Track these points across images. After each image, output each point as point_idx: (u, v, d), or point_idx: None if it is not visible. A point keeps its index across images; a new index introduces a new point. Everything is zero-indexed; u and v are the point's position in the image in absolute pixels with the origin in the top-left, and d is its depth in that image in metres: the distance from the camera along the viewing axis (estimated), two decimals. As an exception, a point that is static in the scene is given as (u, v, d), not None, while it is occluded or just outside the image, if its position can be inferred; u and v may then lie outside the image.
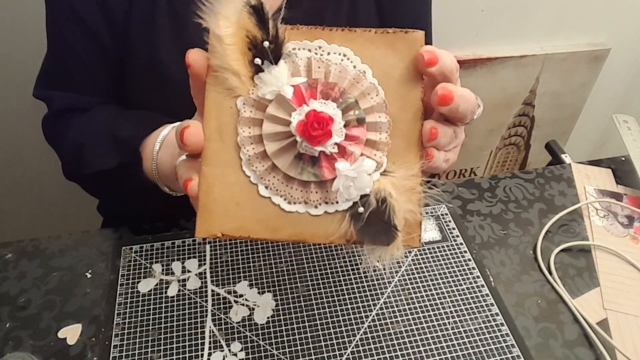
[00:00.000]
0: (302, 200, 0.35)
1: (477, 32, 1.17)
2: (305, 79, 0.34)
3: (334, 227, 0.35)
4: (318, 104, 0.34)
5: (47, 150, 0.65)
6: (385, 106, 0.35)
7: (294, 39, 0.34)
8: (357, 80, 0.35)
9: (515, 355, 0.50)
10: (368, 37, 0.35)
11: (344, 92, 0.34)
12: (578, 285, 0.57)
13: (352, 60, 0.35)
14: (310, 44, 0.35)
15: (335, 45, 0.35)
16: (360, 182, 0.34)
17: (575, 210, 0.65)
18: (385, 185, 0.35)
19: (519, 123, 1.36)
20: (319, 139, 0.33)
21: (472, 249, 0.59)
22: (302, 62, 0.34)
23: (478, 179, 0.69)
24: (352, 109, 0.34)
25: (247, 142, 0.34)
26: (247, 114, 0.34)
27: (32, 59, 0.68)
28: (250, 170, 0.35)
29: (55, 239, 0.59)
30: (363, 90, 0.35)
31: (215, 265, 0.56)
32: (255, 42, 0.33)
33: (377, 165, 0.35)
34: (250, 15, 0.33)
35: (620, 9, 1.23)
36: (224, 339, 0.50)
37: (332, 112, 0.34)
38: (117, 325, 0.51)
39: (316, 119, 0.33)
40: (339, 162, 0.34)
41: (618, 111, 1.20)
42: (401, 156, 0.35)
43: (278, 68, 0.34)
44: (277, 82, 0.34)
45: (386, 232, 0.35)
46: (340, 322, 0.52)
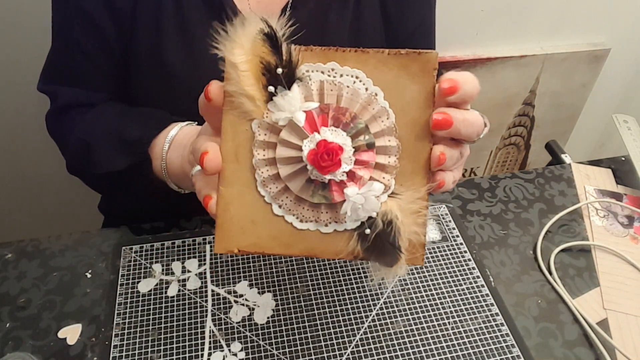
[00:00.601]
0: (313, 219, 0.37)
1: (477, 32, 1.17)
2: (318, 104, 0.35)
3: (343, 245, 0.37)
4: (329, 133, 0.35)
5: (47, 150, 0.65)
6: (395, 130, 0.36)
7: (307, 61, 0.35)
8: (368, 103, 0.35)
9: (515, 355, 0.50)
10: (381, 59, 0.35)
11: (355, 117, 0.35)
12: (578, 285, 0.57)
13: (365, 83, 0.35)
14: (323, 66, 0.35)
15: (348, 68, 0.35)
16: (368, 205, 0.35)
17: (575, 210, 0.65)
18: (392, 207, 0.36)
19: (519, 123, 1.36)
20: (328, 169, 0.34)
21: (472, 249, 0.59)
22: (314, 86, 0.35)
23: (478, 179, 0.69)
24: (362, 133, 0.35)
25: (262, 164, 0.36)
26: (262, 137, 0.36)
27: (31, 60, 0.68)
28: (264, 190, 0.36)
29: (55, 239, 0.59)
30: (374, 114, 0.35)
31: (215, 265, 0.56)
32: (269, 67, 0.34)
33: (385, 188, 0.36)
34: (264, 42, 0.34)
35: (620, 9, 1.23)
36: (224, 339, 0.50)
37: (342, 140, 0.35)
38: (117, 325, 0.51)
39: (326, 150, 0.34)
40: (348, 187, 0.35)
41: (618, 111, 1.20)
42: (409, 178, 0.36)
43: (291, 94, 0.35)
44: (290, 107, 0.35)
45: (390, 253, 0.36)
46: (340, 322, 0.52)
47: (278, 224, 0.37)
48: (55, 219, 1.24)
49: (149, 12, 0.56)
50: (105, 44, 0.58)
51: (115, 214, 0.77)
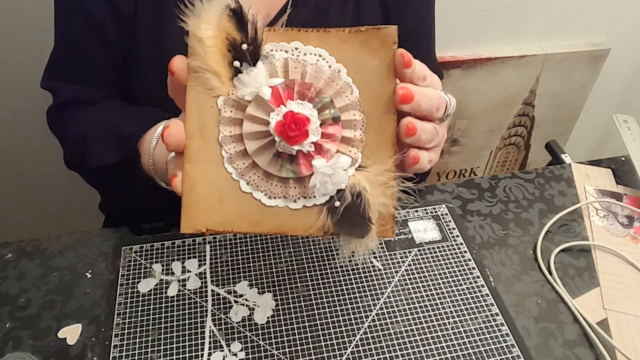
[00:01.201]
0: (282, 195, 0.36)
1: (477, 32, 1.17)
2: (283, 80, 0.35)
3: (312, 220, 0.37)
4: (295, 105, 0.35)
5: (48, 150, 0.65)
6: (359, 104, 0.36)
7: (271, 41, 0.36)
8: (332, 80, 0.36)
9: (515, 355, 0.50)
10: (342, 37, 0.36)
11: (320, 91, 0.36)
12: (578, 285, 0.57)
13: (328, 60, 0.36)
14: (287, 45, 0.36)
15: (311, 47, 0.36)
16: (336, 178, 0.36)
17: (575, 210, 0.65)
18: (360, 180, 0.36)
19: (519, 123, 1.36)
20: (296, 139, 0.34)
21: (472, 249, 0.59)
22: (279, 63, 0.36)
23: (478, 179, 0.69)
24: (327, 108, 0.36)
25: (228, 140, 0.36)
26: (228, 114, 0.36)
27: (31, 60, 0.68)
28: (231, 167, 0.36)
29: (55, 239, 0.59)
30: (338, 89, 0.36)
31: (215, 265, 0.56)
32: (235, 44, 0.35)
33: (352, 161, 0.36)
34: (230, 18, 0.34)
35: (620, 9, 1.23)
36: (224, 339, 0.50)
37: (309, 112, 0.35)
38: (117, 325, 0.51)
39: (293, 120, 0.34)
40: (315, 159, 0.35)
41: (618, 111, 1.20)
42: (375, 151, 0.37)
43: (256, 70, 0.35)
44: (255, 83, 0.35)
45: (360, 225, 0.36)
46: (340, 322, 0.52)
47: (246, 202, 0.36)
48: (55, 219, 1.24)
49: (150, 11, 0.56)
50: (105, 42, 0.58)
51: (115, 214, 0.77)
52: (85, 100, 0.61)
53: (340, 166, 0.36)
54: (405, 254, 0.58)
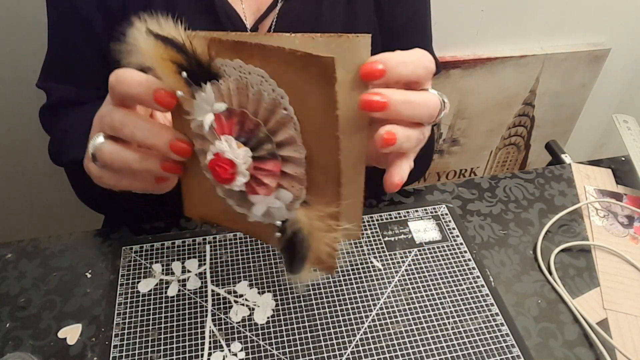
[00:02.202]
0: (245, 207, 0.37)
1: (477, 32, 1.17)
2: (226, 106, 0.33)
3: (270, 233, 0.37)
4: (225, 145, 0.33)
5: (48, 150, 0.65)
6: (301, 139, 0.33)
7: (220, 55, 0.33)
8: (273, 109, 0.32)
9: (515, 355, 0.50)
10: (282, 57, 0.30)
11: (257, 125, 0.33)
12: (578, 285, 0.57)
13: (270, 84, 0.32)
14: (232, 63, 0.32)
15: (252, 66, 0.32)
16: (277, 212, 0.35)
17: (575, 210, 0.65)
18: (302, 218, 0.35)
19: (519, 123, 1.36)
20: (224, 181, 0.34)
21: (472, 249, 0.59)
22: (224, 86, 0.33)
23: (478, 179, 0.69)
24: (264, 142, 0.33)
25: (200, 153, 0.37)
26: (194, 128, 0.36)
27: (31, 60, 0.68)
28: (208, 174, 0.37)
29: (55, 239, 0.59)
30: (278, 120, 0.32)
31: (215, 265, 0.56)
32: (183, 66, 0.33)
33: (294, 197, 0.34)
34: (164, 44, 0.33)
35: (620, 9, 1.23)
36: (224, 339, 0.50)
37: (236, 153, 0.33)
38: (117, 325, 0.51)
39: (218, 163, 0.33)
40: (251, 196, 0.35)
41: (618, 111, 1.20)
42: (321, 189, 0.34)
43: (205, 94, 0.34)
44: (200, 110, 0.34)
45: (297, 260, 0.35)
46: (340, 322, 0.52)
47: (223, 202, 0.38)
48: (55, 219, 1.24)
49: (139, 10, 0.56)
50: (96, 41, 0.58)
51: (115, 213, 0.76)
52: (78, 100, 0.61)
53: (282, 200, 0.35)
54: (405, 254, 0.58)
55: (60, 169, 0.62)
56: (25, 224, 1.23)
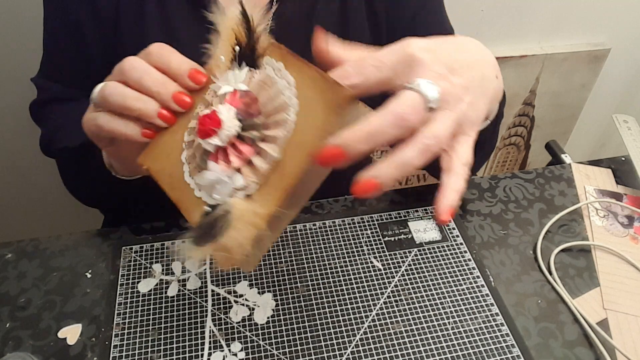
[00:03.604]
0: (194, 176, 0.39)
1: (477, 32, 1.17)
2: (246, 88, 0.38)
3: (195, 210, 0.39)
4: (224, 110, 0.37)
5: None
6: (285, 143, 0.36)
7: (272, 55, 0.38)
8: (279, 109, 0.37)
9: (515, 355, 0.50)
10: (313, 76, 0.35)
11: (259, 113, 0.37)
12: (578, 285, 0.57)
13: (292, 92, 0.36)
14: (275, 64, 0.38)
15: (287, 73, 0.37)
16: (222, 189, 0.37)
17: (575, 210, 0.65)
18: (237, 206, 0.36)
19: (519, 123, 1.36)
20: (202, 133, 0.37)
21: (472, 249, 0.59)
22: (258, 76, 0.38)
23: (478, 179, 0.69)
24: (254, 129, 0.37)
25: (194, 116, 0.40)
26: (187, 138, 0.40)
27: (31, 60, 0.68)
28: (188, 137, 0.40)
29: (55, 239, 0.59)
30: (278, 120, 0.37)
31: (216, 265, 0.56)
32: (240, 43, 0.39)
33: (244, 187, 0.37)
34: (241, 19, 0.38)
35: (620, 9, 1.23)
36: (224, 339, 0.50)
37: (230, 123, 0.37)
38: (117, 325, 0.51)
39: (209, 117, 0.37)
40: (211, 162, 0.37)
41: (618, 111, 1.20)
42: (267, 192, 0.36)
43: (238, 72, 0.39)
44: (229, 81, 0.39)
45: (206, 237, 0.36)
46: (340, 322, 0.52)
47: (178, 168, 0.40)
48: (55, 219, 1.24)
49: (132, 12, 0.57)
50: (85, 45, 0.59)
51: (115, 213, 0.76)
52: (67, 98, 0.63)
53: (231, 182, 0.37)
54: (405, 254, 0.58)
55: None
56: (25, 224, 1.23)
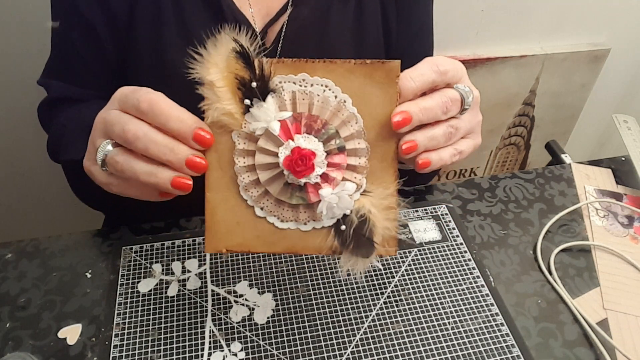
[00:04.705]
0: (293, 219, 0.40)
1: (477, 32, 1.17)
2: (291, 113, 0.38)
3: (321, 241, 0.40)
4: (302, 140, 0.37)
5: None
6: (363, 133, 0.38)
7: (280, 73, 0.38)
8: (338, 110, 0.38)
9: (515, 355, 0.50)
10: (348, 68, 0.37)
11: (325, 123, 0.38)
12: (578, 285, 0.57)
13: (334, 91, 0.38)
14: (295, 77, 0.38)
15: (318, 77, 0.38)
16: (342, 203, 0.38)
17: (575, 210, 0.65)
18: (365, 204, 0.39)
19: (519, 123, 1.36)
20: (302, 173, 0.37)
21: (472, 249, 0.59)
22: (287, 96, 0.38)
23: (478, 179, 0.69)
24: (333, 138, 0.38)
25: (243, 170, 0.39)
26: (241, 146, 0.39)
27: (32, 61, 0.68)
28: (246, 194, 0.39)
29: (55, 239, 0.59)
30: (343, 119, 0.38)
31: (215, 265, 0.56)
32: (244, 82, 0.37)
33: (357, 187, 0.39)
34: (237, 59, 0.37)
35: (620, 9, 1.23)
36: (224, 339, 0.50)
37: (314, 146, 0.37)
38: (117, 325, 0.51)
39: (300, 155, 0.37)
40: (322, 188, 0.38)
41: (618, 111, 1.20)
42: (379, 177, 0.39)
43: (266, 105, 0.37)
44: (265, 117, 0.37)
45: (366, 246, 0.39)
46: (340, 322, 0.52)
47: (261, 225, 0.40)
48: (55, 219, 1.24)
49: (148, 14, 0.56)
50: (100, 46, 0.58)
51: (115, 213, 0.76)
52: (76, 98, 0.62)
53: (346, 192, 0.38)
54: (405, 254, 0.58)
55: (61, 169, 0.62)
56: (25, 224, 1.23)
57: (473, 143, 0.43)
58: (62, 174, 0.62)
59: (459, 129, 0.41)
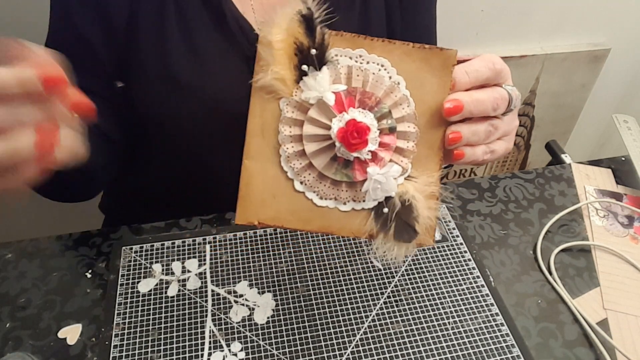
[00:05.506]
0: (333, 197, 0.38)
1: (477, 32, 1.17)
2: (346, 87, 0.37)
3: (359, 223, 0.38)
4: (357, 113, 0.36)
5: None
6: (415, 117, 0.38)
7: (337, 46, 0.37)
8: (391, 91, 0.37)
9: (515, 355, 0.50)
10: (405, 50, 0.37)
11: (379, 101, 0.37)
12: (578, 285, 0.57)
13: (389, 71, 0.37)
14: (352, 52, 0.37)
15: (375, 56, 0.37)
16: (387, 185, 0.37)
17: (575, 210, 0.65)
18: (409, 189, 0.38)
19: (519, 123, 1.35)
20: (356, 146, 0.36)
21: (472, 249, 0.59)
22: (343, 70, 0.37)
23: (478, 179, 0.69)
24: (385, 117, 0.37)
25: (287, 140, 0.37)
26: (289, 114, 0.37)
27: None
28: (288, 166, 0.38)
29: (55, 239, 0.59)
30: (396, 101, 0.37)
31: (215, 265, 0.56)
32: (302, 48, 0.36)
33: (402, 171, 0.38)
34: (300, 23, 0.36)
35: (620, 9, 1.23)
36: (224, 339, 0.50)
37: (370, 121, 0.36)
38: (117, 325, 0.51)
39: (355, 128, 0.36)
40: (370, 166, 0.37)
41: (618, 111, 1.20)
42: (423, 163, 0.38)
43: (321, 74, 0.37)
44: (319, 88, 0.36)
45: (407, 231, 0.38)
46: (340, 322, 0.52)
47: (298, 200, 0.38)
48: (55, 219, 1.23)
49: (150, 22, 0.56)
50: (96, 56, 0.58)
51: (115, 213, 0.77)
52: None
53: (392, 175, 0.37)
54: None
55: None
56: (25, 224, 1.23)
57: (506, 146, 0.43)
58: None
59: (498, 129, 0.41)
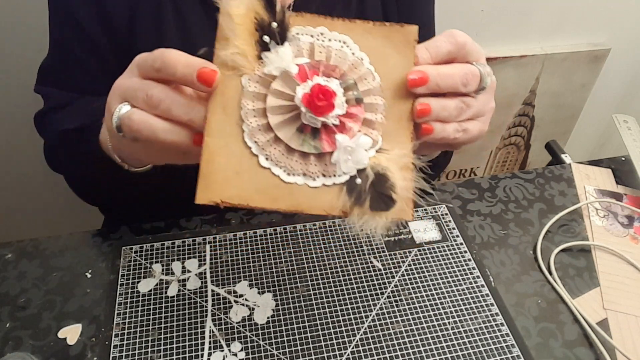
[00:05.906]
0: (302, 172, 0.37)
1: (477, 32, 1.17)
2: (309, 60, 0.37)
3: (332, 199, 0.37)
4: (322, 80, 0.36)
5: (47, 150, 0.65)
6: (381, 90, 0.38)
7: (298, 24, 0.37)
8: (355, 66, 0.37)
9: (515, 355, 0.50)
10: (366, 28, 0.38)
11: (344, 74, 0.37)
12: (578, 285, 0.57)
13: (351, 48, 0.37)
14: (313, 29, 0.37)
15: (336, 33, 0.37)
16: (357, 156, 0.36)
17: (575, 210, 0.65)
18: (381, 161, 0.37)
19: (519, 123, 1.36)
20: (322, 109, 0.35)
21: (472, 249, 0.59)
22: (305, 46, 0.37)
23: (478, 179, 0.69)
24: (351, 89, 0.37)
25: (251, 114, 0.36)
26: (252, 88, 0.37)
27: (31, 61, 0.68)
28: (252, 141, 0.36)
29: (55, 239, 0.59)
30: (361, 75, 0.37)
31: (215, 265, 0.56)
32: (263, 23, 0.36)
33: (372, 143, 0.37)
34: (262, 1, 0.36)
35: (620, 9, 1.23)
36: (224, 339, 0.50)
37: (335, 87, 0.36)
38: (117, 325, 0.51)
39: (321, 91, 0.35)
40: (338, 135, 0.36)
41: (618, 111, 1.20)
42: (394, 137, 0.38)
43: (283, 48, 0.36)
44: (281, 61, 0.36)
45: (384, 201, 0.37)
46: (340, 322, 0.52)
47: (264, 177, 0.36)
48: (55, 219, 1.24)
49: (148, 20, 0.56)
50: (98, 53, 0.58)
51: (115, 213, 0.77)
52: None
53: (362, 145, 0.36)
54: (405, 254, 0.58)
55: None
56: (25, 224, 1.23)
57: (480, 126, 0.42)
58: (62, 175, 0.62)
59: (471, 106, 0.40)
